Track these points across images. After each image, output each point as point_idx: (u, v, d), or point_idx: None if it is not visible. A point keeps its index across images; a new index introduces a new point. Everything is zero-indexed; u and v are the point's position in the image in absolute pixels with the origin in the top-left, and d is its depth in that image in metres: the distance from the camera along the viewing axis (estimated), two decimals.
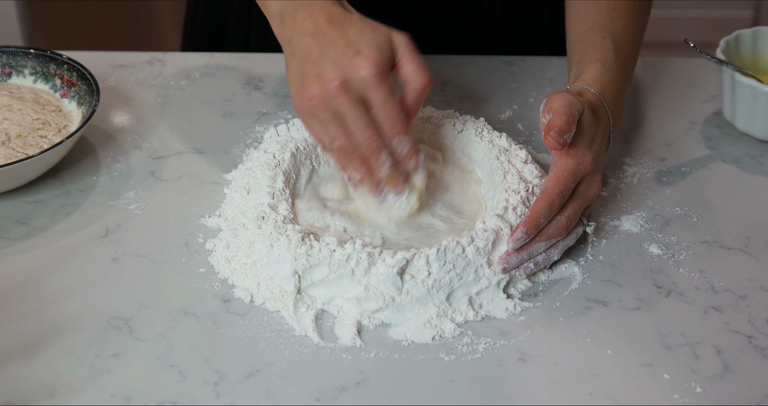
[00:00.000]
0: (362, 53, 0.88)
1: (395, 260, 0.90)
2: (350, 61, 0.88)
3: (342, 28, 0.90)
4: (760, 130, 1.13)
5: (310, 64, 0.90)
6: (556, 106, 0.95)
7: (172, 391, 0.84)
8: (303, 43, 0.91)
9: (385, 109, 0.89)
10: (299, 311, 0.91)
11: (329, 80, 0.88)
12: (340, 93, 0.88)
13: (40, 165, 1.04)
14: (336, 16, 0.91)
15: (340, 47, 0.89)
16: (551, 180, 0.94)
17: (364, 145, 0.91)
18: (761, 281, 0.96)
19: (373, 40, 0.89)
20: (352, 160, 0.93)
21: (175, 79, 1.25)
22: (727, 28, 1.22)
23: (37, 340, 0.89)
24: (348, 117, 0.90)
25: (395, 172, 0.93)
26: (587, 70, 1.03)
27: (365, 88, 0.89)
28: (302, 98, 0.91)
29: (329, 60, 0.89)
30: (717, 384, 0.85)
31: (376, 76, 0.88)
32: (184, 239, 1.00)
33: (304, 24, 0.91)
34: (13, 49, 1.17)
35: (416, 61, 0.90)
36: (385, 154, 0.92)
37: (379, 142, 0.91)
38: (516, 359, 0.88)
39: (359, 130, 0.90)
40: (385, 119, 0.90)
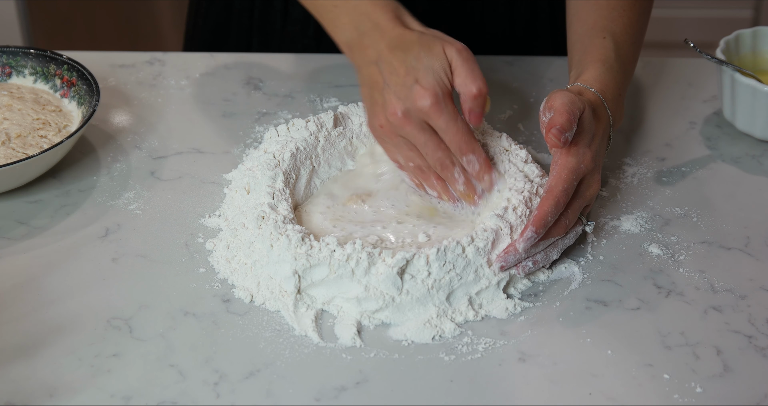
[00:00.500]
0: (419, 82, 0.93)
1: (395, 260, 0.90)
2: (409, 92, 0.93)
3: (402, 53, 0.94)
4: (760, 130, 1.13)
5: (377, 92, 0.96)
6: (557, 104, 0.95)
7: (172, 391, 0.84)
8: (369, 71, 0.96)
9: (448, 132, 0.94)
10: (299, 311, 0.91)
11: (392, 112, 0.94)
12: (404, 123, 0.94)
13: (40, 165, 1.04)
14: (396, 41, 0.95)
15: (400, 76, 0.94)
16: (554, 179, 0.95)
17: (437, 165, 0.96)
18: (761, 281, 0.96)
19: (429, 65, 0.93)
20: (428, 178, 0.99)
21: (175, 79, 1.25)
22: (727, 28, 1.22)
23: (37, 340, 0.89)
24: (417, 142, 0.95)
25: (470, 189, 0.98)
26: (587, 70, 1.03)
27: (426, 116, 0.93)
28: (373, 126, 0.98)
29: (391, 90, 0.94)
30: (717, 384, 0.85)
31: (433, 105, 0.93)
32: (184, 239, 1.00)
33: (368, 52, 0.97)
34: (13, 49, 1.17)
35: (466, 72, 0.94)
36: (458, 171, 0.97)
37: (450, 161, 0.96)
38: (516, 359, 0.88)
39: (430, 152, 0.96)
40: (450, 141, 0.95)
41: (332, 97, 1.22)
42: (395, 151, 0.99)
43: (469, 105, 0.94)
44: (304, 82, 1.24)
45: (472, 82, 0.93)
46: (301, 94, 1.22)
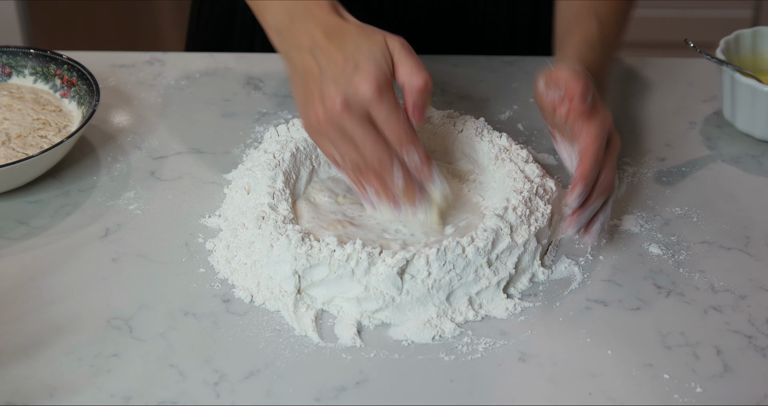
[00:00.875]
0: (360, 69, 0.88)
1: (395, 260, 0.90)
2: (349, 79, 0.88)
3: (339, 41, 0.90)
4: (760, 130, 1.13)
5: (312, 82, 0.90)
6: (564, 77, 0.95)
7: (172, 391, 0.84)
8: (303, 59, 0.91)
9: (390, 122, 0.89)
10: (299, 311, 0.91)
11: (331, 100, 0.89)
12: (343, 113, 0.89)
13: (40, 165, 1.04)
14: (332, 29, 0.91)
15: (338, 64, 0.89)
16: (587, 138, 0.94)
17: (375, 161, 0.91)
18: (761, 281, 0.96)
19: (369, 52, 0.89)
20: (366, 176, 0.93)
21: (175, 79, 1.25)
22: (727, 28, 1.22)
23: (37, 340, 0.89)
24: (355, 135, 0.90)
25: (409, 185, 0.93)
26: (570, 48, 1.03)
27: (367, 104, 0.89)
28: (308, 118, 0.91)
29: (329, 78, 0.89)
30: (717, 384, 0.85)
31: (376, 91, 0.88)
32: (184, 239, 1.00)
33: (301, 39, 0.91)
34: (13, 49, 1.17)
35: (411, 64, 0.90)
36: (397, 168, 0.92)
37: (389, 156, 0.91)
38: (516, 359, 0.88)
39: (367, 146, 0.90)
40: (390, 133, 0.90)
41: None
42: (331, 147, 0.92)
43: (413, 98, 0.91)
44: None
45: (418, 74, 0.90)
46: None
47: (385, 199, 0.94)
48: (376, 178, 0.93)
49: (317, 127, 0.91)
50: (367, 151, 0.90)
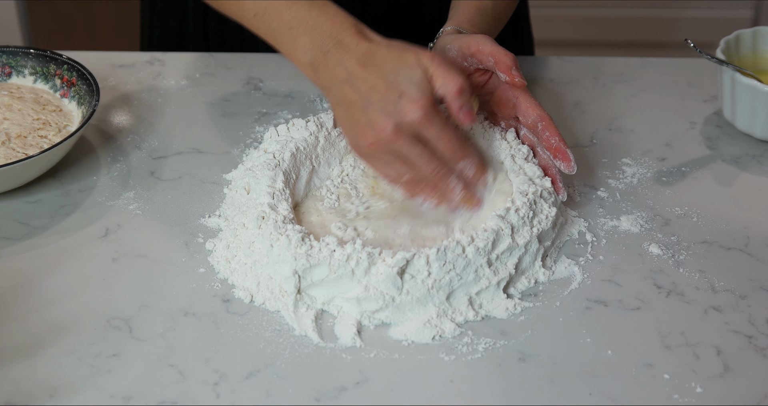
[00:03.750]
0: (405, 96, 0.92)
1: (395, 260, 0.90)
2: (396, 107, 0.92)
3: (376, 68, 0.93)
4: (760, 130, 1.13)
5: (357, 112, 0.93)
6: (488, 48, 1.00)
7: (172, 391, 0.84)
8: (342, 91, 0.94)
9: (441, 142, 0.94)
10: (299, 311, 0.91)
11: (382, 129, 0.92)
12: (395, 138, 0.92)
13: (40, 165, 1.04)
14: (365, 56, 0.93)
15: (381, 92, 0.92)
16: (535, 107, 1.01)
17: (432, 176, 0.95)
18: (761, 281, 0.96)
19: (409, 77, 0.92)
20: (423, 190, 0.97)
21: (175, 79, 1.25)
22: (727, 28, 1.22)
23: (37, 340, 0.89)
24: (410, 155, 0.94)
25: (469, 195, 0.98)
26: (464, 14, 1.09)
27: (418, 129, 0.92)
28: (360, 146, 0.95)
29: (375, 107, 0.92)
30: (717, 384, 0.85)
31: (425, 116, 0.92)
32: (184, 239, 1.00)
33: (337, 71, 0.94)
34: (13, 49, 1.17)
35: (443, 73, 0.93)
36: (454, 180, 0.96)
37: (446, 170, 0.96)
38: (516, 359, 0.88)
39: (424, 164, 0.94)
40: (444, 151, 0.94)
41: None
42: (386, 168, 0.96)
43: (456, 103, 0.93)
44: (304, 82, 1.24)
45: (451, 80, 0.92)
46: (301, 94, 1.22)
47: (445, 206, 0.98)
48: (432, 191, 0.97)
49: (370, 153, 0.95)
50: (424, 168, 0.95)
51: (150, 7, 1.38)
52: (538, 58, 1.30)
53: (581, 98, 1.22)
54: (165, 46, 1.37)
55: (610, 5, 2.48)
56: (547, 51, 1.46)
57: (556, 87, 1.24)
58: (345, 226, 0.97)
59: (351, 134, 0.95)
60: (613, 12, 2.48)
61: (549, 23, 2.43)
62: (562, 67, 1.28)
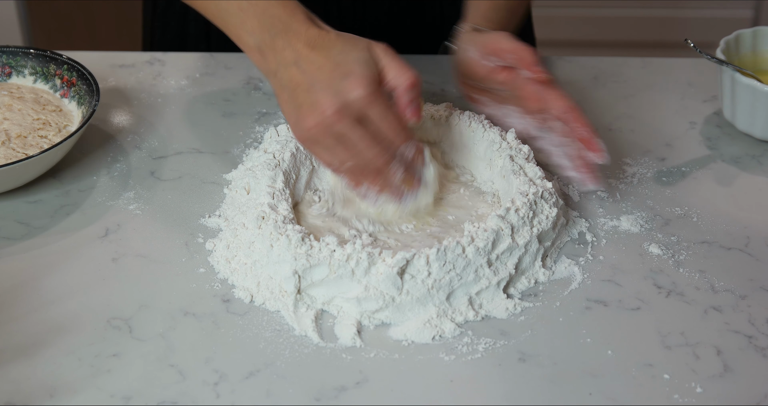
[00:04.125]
0: (351, 74, 0.89)
1: (395, 260, 0.90)
2: (341, 85, 0.90)
3: (324, 50, 0.91)
4: (760, 130, 1.13)
5: (302, 94, 0.91)
6: (507, 45, 1.01)
7: (172, 391, 0.84)
8: (289, 73, 0.92)
9: (385, 123, 0.91)
10: (299, 311, 0.91)
11: (325, 108, 0.90)
12: (338, 119, 0.90)
13: (40, 165, 1.04)
14: (315, 40, 0.92)
15: (327, 71, 0.90)
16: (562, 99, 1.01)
17: (375, 161, 0.93)
18: (761, 281, 0.96)
19: (358, 57, 0.90)
20: (367, 176, 0.95)
21: (175, 79, 1.25)
22: (727, 28, 1.22)
23: (37, 340, 0.89)
24: (352, 138, 0.91)
25: (409, 175, 0.96)
26: (479, 10, 1.09)
27: (361, 107, 0.90)
28: (301, 129, 0.92)
29: (319, 87, 0.90)
30: (717, 384, 0.85)
31: (370, 94, 0.90)
32: (184, 239, 1.00)
33: (285, 54, 0.92)
34: (13, 49, 1.17)
35: (396, 65, 0.92)
36: (397, 163, 0.94)
37: (389, 155, 0.93)
38: (516, 359, 0.88)
39: (366, 148, 0.92)
40: (387, 132, 0.92)
41: None
42: (328, 155, 0.93)
43: (407, 97, 0.92)
44: None
45: (404, 74, 0.91)
46: None
47: (388, 193, 0.96)
48: (376, 176, 0.95)
49: (311, 137, 0.92)
50: (365, 153, 0.92)
51: (152, 7, 1.38)
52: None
53: (581, 98, 1.22)
54: (166, 46, 1.37)
55: (610, 5, 2.48)
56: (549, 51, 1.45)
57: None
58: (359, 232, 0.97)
59: (293, 119, 0.93)
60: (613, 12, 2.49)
61: (550, 23, 2.43)
62: (563, 67, 1.28)
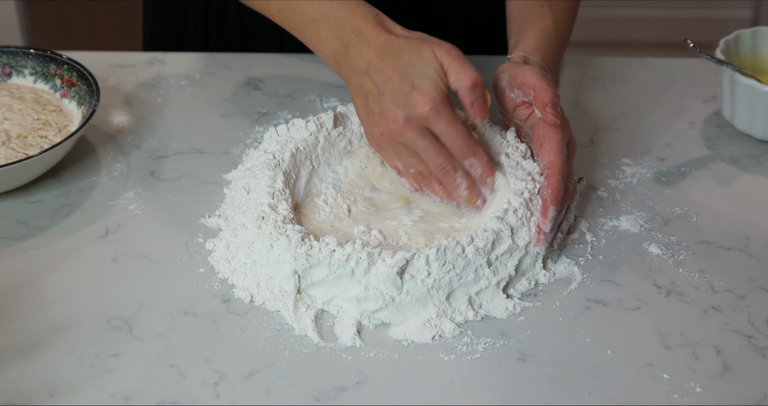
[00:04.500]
0: (417, 88, 0.93)
1: (395, 260, 0.90)
2: (407, 99, 0.94)
3: (393, 60, 0.95)
4: (760, 130, 1.13)
5: (372, 101, 0.96)
6: (532, 81, 0.98)
7: (172, 391, 0.84)
8: (361, 81, 0.97)
9: (449, 137, 0.95)
10: (299, 311, 0.91)
11: (392, 119, 0.94)
12: (405, 129, 0.94)
13: (40, 165, 1.04)
14: (384, 48, 0.95)
15: (395, 83, 0.94)
16: (552, 153, 0.97)
17: (438, 170, 0.97)
18: (761, 281, 0.96)
19: (424, 70, 0.94)
20: (430, 184, 0.99)
21: (175, 79, 1.25)
22: (727, 28, 1.22)
23: (37, 340, 0.89)
24: (418, 147, 0.95)
25: (473, 193, 0.98)
26: (527, 38, 1.06)
27: (427, 122, 0.94)
28: (372, 135, 0.98)
29: (388, 98, 0.94)
30: (717, 384, 0.85)
31: (433, 110, 0.93)
32: (184, 239, 1.00)
33: (356, 62, 0.97)
34: (13, 49, 1.17)
35: (457, 68, 0.94)
36: (460, 176, 0.97)
37: (452, 166, 0.96)
38: (516, 359, 0.88)
39: (431, 157, 0.96)
40: (451, 145, 0.95)
41: (332, 97, 1.22)
42: (395, 159, 0.99)
43: (469, 98, 0.95)
44: (304, 82, 1.24)
45: (465, 75, 0.94)
46: (301, 94, 1.22)
47: (448, 202, 0.99)
48: (438, 185, 0.99)
49: (381, 142, 0.97)
50: (430, 162, 0.96)
51: (152, 5, 1.39)
52: None
53: (581, 98, 1.22)
54: (166, 44, 1.38)
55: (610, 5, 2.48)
56: None
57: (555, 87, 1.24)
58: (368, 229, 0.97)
59: (366, 123, 0.98)
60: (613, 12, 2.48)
61: None
62: (563, 67, 1.28)
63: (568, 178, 0.98)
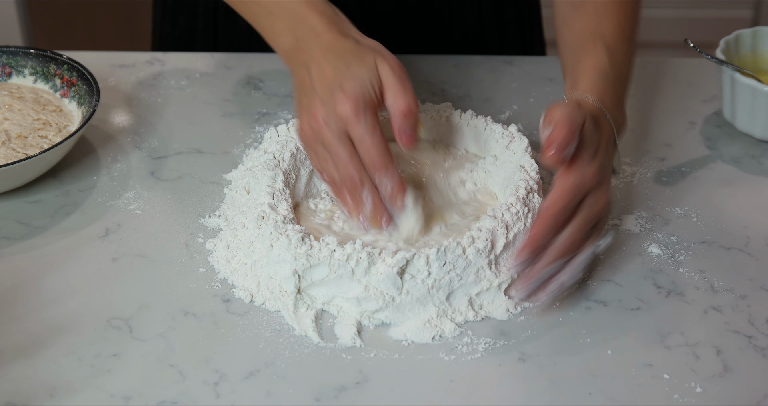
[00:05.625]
0: (343, 89, 0.89)
1: (395, 260, 0.89)
2: (331, 98, 0.90)
3: (333, 58, 0.92)
4: (760, 130, 1.13)
5: (304, 95, 0.93)
6: (556, 118, 0.89)
7: (172, 391, 0.84)
8: (300, 75, 0.94)
9: (364, 145, 0.90)
10: (299, 311, 0.91)
11: (314, 116, 0.91)
12: (322, 128, 0.91)
13: (40, 165, 1.04)
14: (329, 46, 0.93)
15: (326, 81, 0.91)
16: (552, 197, 0.90)
17: (345, 181, 0.92)
18: (761, 281, 0.96)
19: (357, 73, 0.90)
20: (340, 194, 0.94)
21: (175, 79, 1.25)
22: (727, 28, 1.22)
23: (37, 340, 0.89)
24: (332, 150, 0.91)
25: (378, 211, 0.93)
26: (582, 78, 0.99)
27: (345, 124, 0.90)
28: (298, 129, 0.95)
29: (316, 94, 0.91)
30: (717, 384, 0.85)
31: (353, 112, 0.89)
32: (184, 239, 1.00)
33: (302, 56, 0.94)
34: (13, 49, 1.17)
35: (396, 88, 0.90)
36: (367, 191, 0.92)
37: (359, 178, 0.91)
38: (516, 359, 0.88)
39: (340, 163, 0.91)
40: (365, 155, 0.90)
41: None
42: (317, 160, 0.94)
43: (398, 123, 0.90)
44: None
45: (402, 98, 0.90)
46: None
47: (354, 217, 0.94)
48: (348, 195, 0.93)
49: (303, 138, 0.94)
50: (340, 170, 0.91)
51: (162, 2, 1.39)
52: (539, 58, 1.30)
53: None
54: (175, 41, 1.38)
55: None
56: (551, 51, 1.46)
57: (556, 87, 1.24)
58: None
59: (297, 117, 0.95)
60: None
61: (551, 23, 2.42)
62: None
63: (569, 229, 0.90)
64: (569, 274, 0.91)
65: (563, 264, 0.91)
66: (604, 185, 0.93)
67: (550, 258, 0.90)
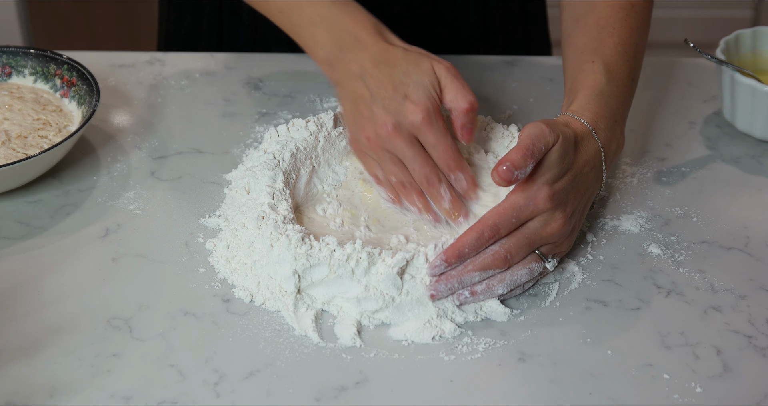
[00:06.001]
0: (409, 98, 0.93)
1: (395, 260, 0.90)
2: (399, 106, 0.93)
3: (388, 68, 0.94)
4: (760, 130, 1.13)
5: (363, 106, 0.95)
6: (522, 136, 0.89)
7: (172, 391, 0.84)
8: (353, 85, 0.96)
9: (438, 149, 0.94)
10: (299, 311, 0.91)
11: (382, 124, 0.94)
12: (393, 136, 0.94)
13: (40, 165, 1.04)
14: (380, 56, 0.95)
15: (388, 90, 0.94)
16: (491, 211, 0.90)
17: (423, 181, 0.95)
18: (761, 281, 0.96)
19: (419, 81, 0.93)
20: (409, 194, 0.97)
21: (175, 79, 1.25)
22: (727, 28, 1.22)
23: (37, 340, 0.89)
24: (405, 156, 0.95)
25: (456, 206, 0.97)
26: (577, 98, 0.97)
27: (416, 131, 0.93)
28: (359, 140, 0.97)
29: (380, 104, 0.94)
30: (717, 384, 0.85)
31: (425, 119, 0.93)
32: (184, 239, 1.00)
33: (351, 67, 0.96)
34: (13, 49, 1.17)
35: (456, 88, 0.94)
36: (445, 189, 0.96)
37: (437, 177, 0.95)
38: (516, 359, 0.88)
39: (417, 167, 0.95)
40: (438, 159, 0.95)
41: (332, 97, 1.22)
42: (376, 166, 0.98)
43: (461, 120, 0.95)
44: (304, 82, 1.24)
45: (463, 97, 0.94)
46: (301, 94, 1.22)
47: (426, 215, 0.98)
48: (418, 197, 0.97)
49: (366, 148, 0.97)
50: (416, 171, 0.95)
51: (167, 1, 1.39)
52: (538, 58, 1.30)
53: None
54: (180, 40, 1.38)
55: None
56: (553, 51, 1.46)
57: (556, 87, 1.24)
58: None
59: (353, 128, 0.97)
60: None
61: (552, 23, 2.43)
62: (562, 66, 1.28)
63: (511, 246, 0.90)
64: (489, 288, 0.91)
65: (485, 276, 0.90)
66: (560, 210, 0.91)
67: (475, 268, 0.90)
